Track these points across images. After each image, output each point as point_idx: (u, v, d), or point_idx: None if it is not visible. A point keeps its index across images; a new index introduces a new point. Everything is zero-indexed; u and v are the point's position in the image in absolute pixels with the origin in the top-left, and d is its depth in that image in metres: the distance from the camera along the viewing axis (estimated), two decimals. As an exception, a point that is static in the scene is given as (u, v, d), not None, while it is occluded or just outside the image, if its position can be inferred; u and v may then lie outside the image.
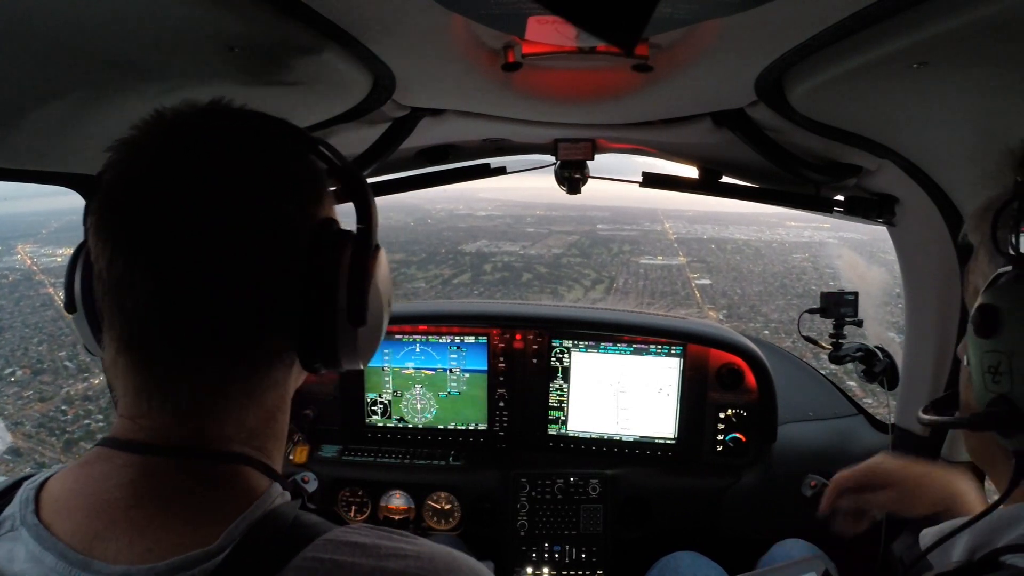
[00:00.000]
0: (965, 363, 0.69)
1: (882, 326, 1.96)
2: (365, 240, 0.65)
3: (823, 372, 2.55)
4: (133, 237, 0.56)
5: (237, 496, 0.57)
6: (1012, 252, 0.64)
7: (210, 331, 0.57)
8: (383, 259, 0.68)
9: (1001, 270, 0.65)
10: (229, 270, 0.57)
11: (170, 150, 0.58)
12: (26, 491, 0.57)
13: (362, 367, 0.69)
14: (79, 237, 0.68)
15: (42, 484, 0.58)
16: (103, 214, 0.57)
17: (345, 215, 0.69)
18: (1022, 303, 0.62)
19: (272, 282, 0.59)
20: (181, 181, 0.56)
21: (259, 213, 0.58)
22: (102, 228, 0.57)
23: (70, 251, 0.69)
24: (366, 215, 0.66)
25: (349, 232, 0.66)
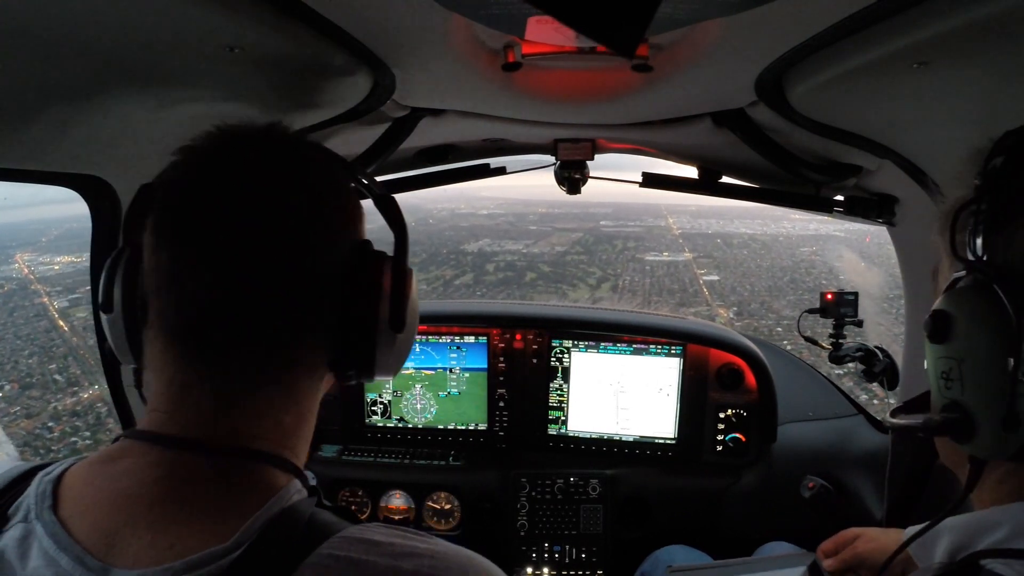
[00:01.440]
0: (924, 367, 0.69)
1: (897, 321, 1.96)
2: (401, 258, 0.72)
3: (838, 372, 2.54)
4: (194, 235, 0.61)
5: (257, 493, 0.58)
6: (969, 256, 0.62)
7: (254, 329, 0.61)
8: (414, 278, 0.74)
9: (956, 275, 0.64)
10: (276, 276, 0.62)
11: (232, 163, 0.64)
12: (43, 484, 0.57)
13: (392, 376, 0.75)
14: (79, 245, 0.69)
15: (59, 476, 0.58)
16: (167, 213, 0.62)
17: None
18: (972, 309, 0.61)
19: (312, 290, 0.64)
20: (241, 193, 0.62)
21: (303, 228, 0.64)
22: (165, 226, 0.62)
23: (69, 259, 0.70)
24: (402, 237, 0.72)
25: (384, 252, 0.72)
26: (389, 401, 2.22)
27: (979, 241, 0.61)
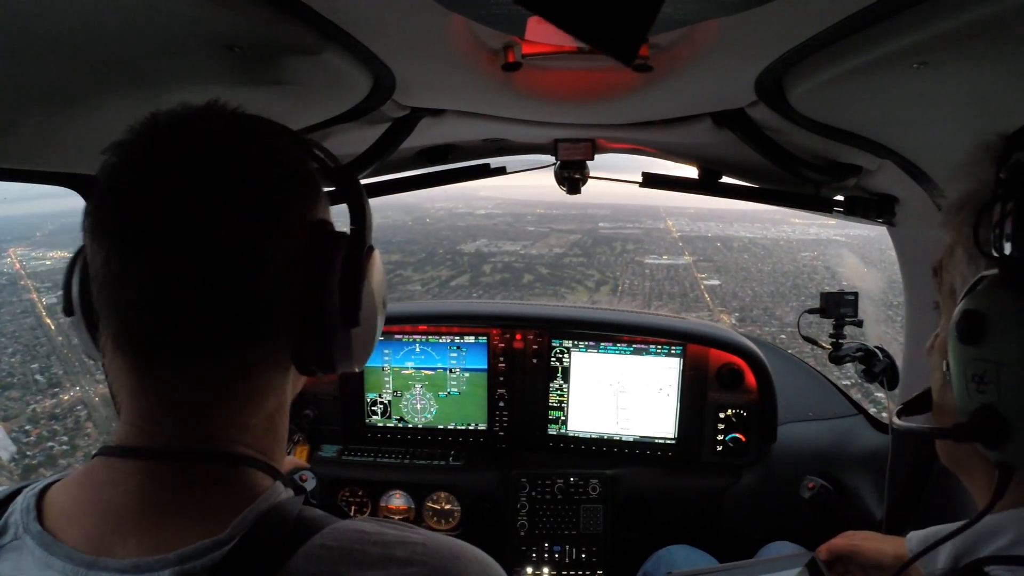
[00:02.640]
0: (944, 368, 0.66)
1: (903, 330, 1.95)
2: (358, 240, 0.66)
3: (846, 383, 2.53)
4: (127, 233, 0.57)
5: (243, 492, 0.58)
6: (996, 253, 0.60)
7: (203, 327, 0.57)
8: (377, 260, 0.69)
9: (985, 273, 0.62)
10: (220, 267, 0.57)
11: (163, 151, 0.59)
12: (27, 499, 0.58)
13: (357, 369, 0.70)
14: (75, 239, 0.68)
15: (42, 492, 0.59)
16: (98, 213, 0.58)
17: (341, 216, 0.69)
18: (1010, 309, 0.59)
19: (263, 280, 0.59)
20: (173, 180, 0.57)
21: (248, 212, 0.59)
22: (97, 227, 0.58)
23: (62, 254, 0.69)
24: (360, 216, 0.68)
25: (343, 233, 0.66)
26: (389, 401, 2.22)
27: (1009, 238, 0.59)
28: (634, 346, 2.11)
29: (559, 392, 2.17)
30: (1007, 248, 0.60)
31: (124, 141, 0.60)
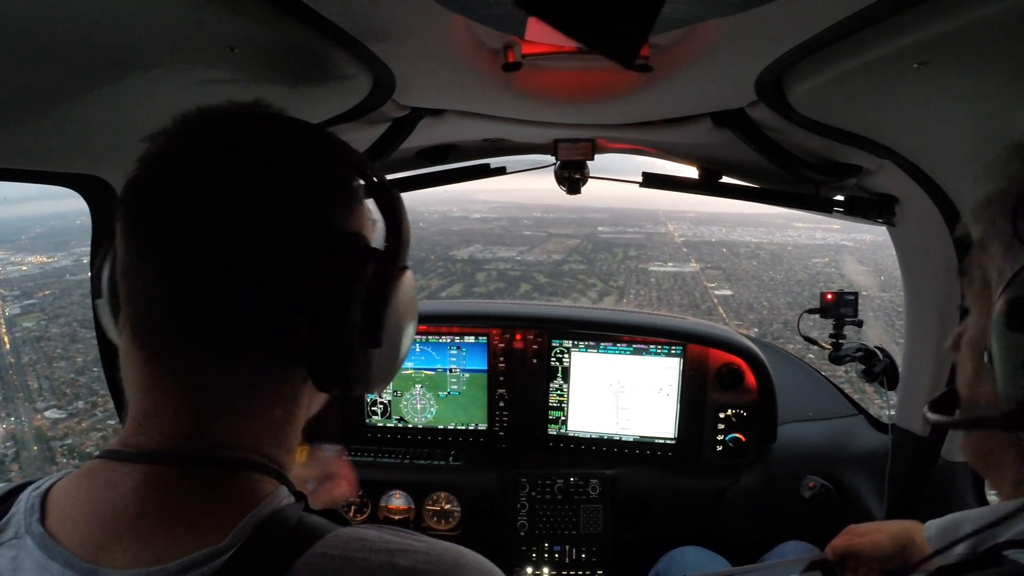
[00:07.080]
0: (986, 359, 0.66)
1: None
2: (391, 257, 0.62)
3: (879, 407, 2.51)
4: (147, 225, 0.57)
5: (243, 499, 0.57)
6: None
7: (211, 327, 0.57)
8: (408, 280, 0.65)
9: None
10: (232, 270, 0.56)
11: (193, 147, 0.58)
12: (31, 499, 0.57)
13: (375, 392, 0.68)
14: (56, 244, 0.68)
15: (47, 491, 0.58)
16: (124, 201, 0.59)
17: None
18: None
19: (279, 289, 0.58)
20: (195, 179, 0.57)
21: (268, 216, 0.57)
22: (123, 215, 0.58)
23: (41, 259, 0.68)
24: (395, 232, 0.63)
25: (375, 249, 0.63)
26: (389, 401, 2.22)
27: None
28: (634, 346, 2.11)
29: (559, 392, 2.17)
30: None
31: (162, 131, 0.59)
